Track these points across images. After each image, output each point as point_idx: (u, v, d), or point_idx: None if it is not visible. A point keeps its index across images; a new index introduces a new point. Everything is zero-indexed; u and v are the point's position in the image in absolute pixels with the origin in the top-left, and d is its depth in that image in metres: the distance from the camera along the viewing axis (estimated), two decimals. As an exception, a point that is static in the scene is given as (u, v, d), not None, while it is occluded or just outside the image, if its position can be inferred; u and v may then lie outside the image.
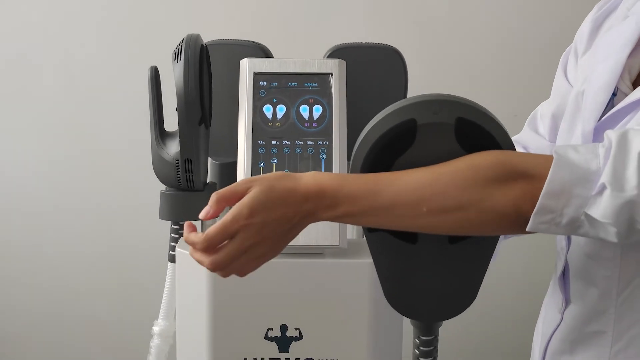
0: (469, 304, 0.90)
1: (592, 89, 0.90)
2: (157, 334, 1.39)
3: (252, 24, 1.93)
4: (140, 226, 2.03)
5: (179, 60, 1.20)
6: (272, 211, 0.79)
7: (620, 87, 0.89)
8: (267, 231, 0.79)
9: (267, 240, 0.80)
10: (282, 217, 0.79)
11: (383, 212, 0.79)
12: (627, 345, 0.89)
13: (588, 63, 0.96)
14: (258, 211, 0.78)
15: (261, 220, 0.78)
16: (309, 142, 1.12)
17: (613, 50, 0.90)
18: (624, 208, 0.72)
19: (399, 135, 0.80)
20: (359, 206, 0.79)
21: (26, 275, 2.08)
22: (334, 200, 0.79)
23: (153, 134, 1.29)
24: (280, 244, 0.82)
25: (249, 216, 0.78)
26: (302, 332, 1.11)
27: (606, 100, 0.88)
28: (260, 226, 0.79)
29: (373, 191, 0.79)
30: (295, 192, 0.80)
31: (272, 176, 0.81)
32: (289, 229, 0.81)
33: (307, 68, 1.15)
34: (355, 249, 1.16)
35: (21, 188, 2.06)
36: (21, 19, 1.99)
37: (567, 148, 0.77)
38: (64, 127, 2.03)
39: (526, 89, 1.97)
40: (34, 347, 2.12)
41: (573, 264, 0.94)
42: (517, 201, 0.76)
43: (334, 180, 0.81)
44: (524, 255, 2.02)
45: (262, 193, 0.79)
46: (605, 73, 0.89)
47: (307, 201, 0.80)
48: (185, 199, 1.27)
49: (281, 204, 0.79)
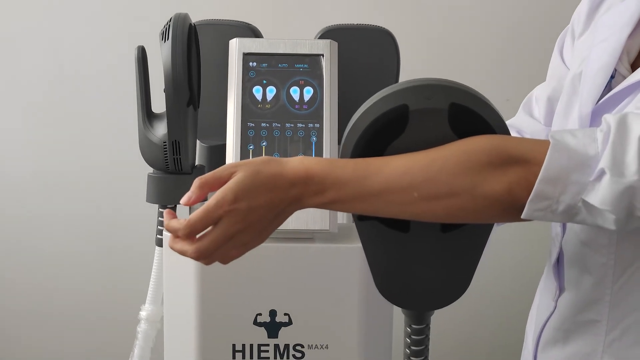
0: (462, 293, 0.89)
1: (590, 71, 0.88)
2: (144, 318, 1.37)
3: (241, 3, 1.90)
4: (126, 210, 2.02)
5: (167, 39, 1.17)
6: (257, 196, 0.76)
7: (619, 69, 0.87)
8: (252, 217, 0.77)
9: (252, 227, 0.78)
10: (268, 202, 0.77)
11: (373, 198, 0.77)
12: (621, 335, 0.87)
13: (585, 44, 0.94)
14: (243, 196, 0.76)
15: (246, 206, 0.76)
16: (299, 125, 1.10)
17: (612, 31, 0.87)
18: (624, 194, 0.71)
19: (390, 121, 0.78)
20: (348, 192, 0.77)
21: (10, 260, 2.06)
22: (322, 186, 0.77)
23: (140, 116, 1.26)
24: (266, 231, 0.80)
25: (233, 201, 0.76)
26: (292, 318, 1.10)
27: (605, 83, 0.86)
28: (245, 212, 0.76)
29: (362, 176, 0.77)
30: (281, 176, 0.77)
31: (258, 161, 0.79)
32: (275, 215, 0.79)
33: (297, 49, 1.13)
34: (346, 233, 1.15)
35: (5, 173, 2.03)
36: (6, 2, 1.96)
37: (564, 133, 0.74)
38: (51, 109, 2.00)
39: (519, 73, 1.96)
40: (19, 332, 2.11)
41: (568, 251, 0.92)
42: (512, 187, 0.74)
43: (322, 164, 0.78)
44: (518, 242, 2.02)
45: (247, 177, 0.77)
46: (604, 54, 0.87)
47: (293, 186, 0.78)
48: (173, 182, 1.25)
49: (267, 189, 0.77)
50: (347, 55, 1.21)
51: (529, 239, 1.97)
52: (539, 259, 1.30)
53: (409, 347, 1.09)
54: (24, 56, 1.98)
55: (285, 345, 1.10)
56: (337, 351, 1.11)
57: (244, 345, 1.10)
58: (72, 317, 2.09)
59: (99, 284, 2.07)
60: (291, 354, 1.11)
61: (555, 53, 1.05)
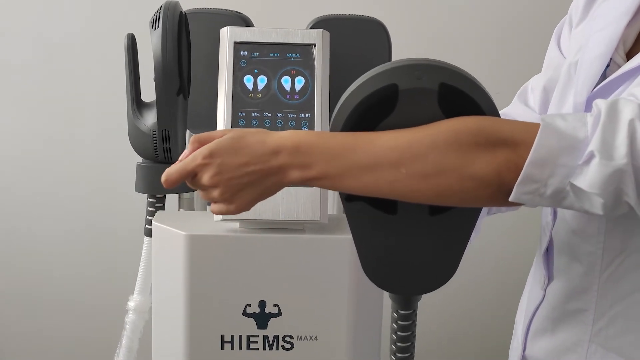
0: (449, 278, 0.88)
1: (586, 59, 0.88)
2: (132, 309, 1.36)
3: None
4: (115, 199, 2.00)
5: (157, 27, 1.16)
6: (233, 156, 0.78)
7: (614, 58, 0.86)
8: (224, 176, 0.79)
9: (223, 185, 0.79)
10: (242, 164, 0.78)
11: (360, 172, 0.76)
12: (608, 324, 0.88)
13: (583, 34, 0.94)
14: (218, 154, 0.79)
15: (219, 162, 0.78)
16: (290, 115, 1.10)
17: (610, 21, 0.87)
18: (612, 177, 0.70)
19: (379, 100, 0.77)
20: (336, 165, 0.76)
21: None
22: (308, 158, 0.77)
23: (129, 105, 1.25)
24: (240, 195, 0.80)
25: (207, 156, 0.79)
26: (281, 309, 1.09)
27: (600, 71, 0.86)
28: (216, 168, 0.79)
29: (351, 149, 0.76)
30: (263, 144, 0.78)
31: (251, 129, 0.81)
32: (250, 181, 0.79)
33: (289, 38, 1.12)
34: (336, 224, 1.14)
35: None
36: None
37: (554, 116, 0.74)
38: (41, 98, 1.99)
39: (510, 66, 1.96)
40: (6, 319, 2.09)
41: (558, 239, 0.93)
42: (501, 169, 0.73)
43: (310, 136, 0.78)
44: (507, 237, 2.02)
45: (229, 138, 0.79)
46: (602, 43, 0.86)
47: (275, 155, 0.77)
48: (162, 172, 1.24)
49: (245, 153, 0.78)
50: (338, 46, 1.20)
51: (519, 233, 1.98)
52: (529, 253, 1.30)
53: (395, 333, 1.09)
54: (11, 45, 1.96)
55: (274, 336, 1.10)
56: (327, 342, 1.10)
57: (232, 336, 1.10)
58: (60, 306, 2.08)
59: (87, 273, 2.06)
60: (280, 345, 1.10)
61: (552, 42, 1.04)
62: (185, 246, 1.06)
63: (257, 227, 1.09)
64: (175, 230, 1.08)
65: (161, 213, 1.21)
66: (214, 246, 1.07)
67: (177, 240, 1.07)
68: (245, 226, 1.10)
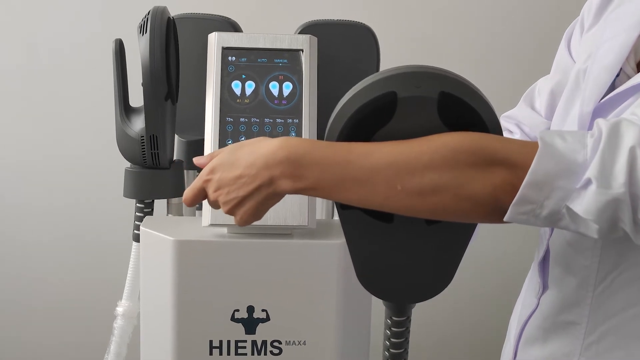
0: (444, 287, 0.87)
1: (595, 68, 0.86)
2: (120, 314, 1.36)
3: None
4: (103, 205, 2.00)
5: (145, 33, 1.16)
6: (228, 170, 0.81)
7: (624, 69, 0.85)
8: (223, 191, 0.81)
9: (224, 199, 0.82)
10: (237, 178, 0.80)
11: (354, 186, 0.75)
12: (599, 339, 0.87)
13: (593, 39, 0.91)
14: (217, 169, 0.82)
15: (218, 177, 0.82)
16: (278, 120, 1.10)
17: (622, 28, 0.85)
18: (609, 205, 0.69)
19: (378, 108, 0.76)
20: (329, 177, 0.75)
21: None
22: (300, 169, 0.75)
23: (117, 110, 1.25)
24: (240, 208, 0.82)
25: (209, 172, 0.83)
26: (270, 314, 1.09)
27: (609, 81, 0.84)
28: (217, 183, 0.82)
29: (345, 161, 0.75)
30: (254, 154, 0.78)
31: (252, 139, 0.83)
32: (247, 193, 0.79)
33: (277, 44, 1.12)
34: (325, 229, 1.14)
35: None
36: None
37: (553, 135, 0.72)
38: (28, 102, 1.98)
39: (495, 70, 1.97)
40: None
41: (554, 250, 0.92)
42: (497, 190, 0.72)
43: (303, 145, 0.76)
44: (501, 239, 2.02)
45: (227, 152, 0.82)
46: (612, 52, 0.84)
47: (266, 166, 0.77)
48: (150, 177, 1.24)
49: (238, 165, 0.80)
50: (326, 51, 1.20)
51: (513, 235, 1.98)
52: (523, 255, 1.31)
53: (388, 339, 1.08)
54: (0, 49, 1.95)
55: (262, 342, 1.10)
56: (315, 347, 1.10)
57: (221, 341, 1.10)
58: (48, 312, 2.07)
59: (76, 279, 2.05)
60: (269, 350, 1.10)
61: (562, 45, 1.01)
62: (173, 251, 1.06)
63: (245, 233, 1.09)
64: (164, 236, 1.08)
65: (149, 218, 1.21)
66: (203, 251, 1.07)
67: (165, 245, 1.07)
68: (233, 231, 1.10)
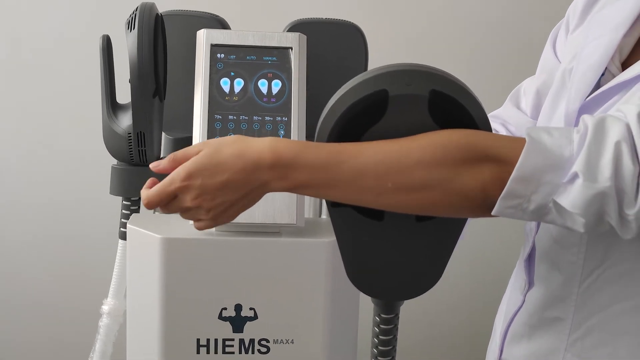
0: (433, 284, 0.88)
1: (581, 67, 0.87)
2: (106, 313, 1.35)
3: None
4: (90, 202, 1.98)
5: (133, 29, 1.15)
6: (211, 176, 0.76)
7: (609, 68, 0.85)
8: (207, 197, 0.77)
9: (208, 206, 0.78)
10: (223, 184, 0.76)
11: (345, 184, 0.75)
12: (584, 335, 0.88)
13: (579, 40, 0.93)
14: (196, 174, 0.77)
15: (199, 184, 0.77)
16: (267, 118, 1.09)
17: (608, 29, 0.86)
18: (595, 199, 0.70)
19: (369, 106, 0.76)
20: (320, 177, 0.75)
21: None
22: (290, 170, 0.75)
23: (104, 106, 1.24)
24: (227, 212, 0.79)
25: (185, 178, 0.77)
26: (257, 312, 1.09)
27: (595, 80, 0.85)
28: (198, 190, 0.77)
29: (336, 161, 0.75)
30: (241, 157, 0.76)
31: (226, 139, 0.78)
32: (237, 198, 0.78)
33: (266, 41, 1.12)
34: (313, 228, 1.14)
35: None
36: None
37: (540, 131, 0.74)
38: (13, 99, 1.96)
39: (487, 70, 1.97)
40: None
41: (540, 246, 0.92)
42: (486, 184, 0.74)
43: (293, 147, 0.76)
44: (488, 235, 2.03)
45: (205, 156, 0.77)
46: (597, 52, 0.85)
47: (257, 169, 0.76)
48: (137, 174, 1.24)
49: (223, 170, 0.76)
50: (315, 50, 1.20)
51: (499, 233, 1.99)
52: (509, 252, 1.31)
53: (377, 337, 1.08)
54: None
55: (250, 340, 1.10)
56: (303, 346, 1.10)
57: (208, 339, 1.09)
58: (33, 310, 2.05)
59: (61, 276, 2.04)
60: (256, 349, 1.10)
61: (547, 45, 1.03)
62: (160, 249, 1.06)
63: (234, 231, 1.09)
64: (151, 234, 1.07)
65: (136, 216, 1.20)
66: (190, 249, 1.07)
67: (152, 243, 1.06)
68: (221, 230, 1.09)
